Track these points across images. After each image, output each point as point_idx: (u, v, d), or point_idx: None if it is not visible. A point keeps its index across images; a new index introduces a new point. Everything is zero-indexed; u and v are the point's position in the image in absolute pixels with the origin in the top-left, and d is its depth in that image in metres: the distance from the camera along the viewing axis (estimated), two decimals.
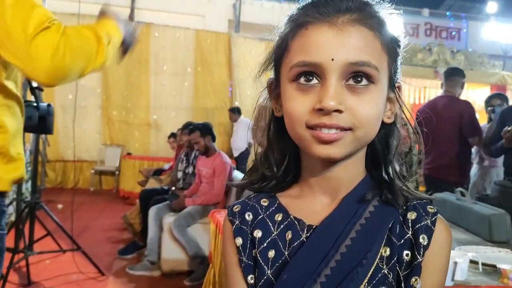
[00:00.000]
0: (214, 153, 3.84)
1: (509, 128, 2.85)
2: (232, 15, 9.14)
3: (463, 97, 4.95)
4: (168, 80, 8.02)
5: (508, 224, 1.96)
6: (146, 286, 3.36)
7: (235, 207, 0.74)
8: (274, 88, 0.71)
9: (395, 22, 0.67)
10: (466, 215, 2.15)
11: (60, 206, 5.54)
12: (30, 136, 4.60)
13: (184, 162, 4.38)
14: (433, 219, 0.65)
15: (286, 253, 0.67)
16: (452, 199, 2.34)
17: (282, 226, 0.69)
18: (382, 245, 0.64)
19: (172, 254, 3.55)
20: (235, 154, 6.98)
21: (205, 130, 3.81)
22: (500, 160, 3.42)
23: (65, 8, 6.53)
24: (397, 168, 0.71)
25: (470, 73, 10.26)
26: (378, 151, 0.71)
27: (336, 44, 0.61)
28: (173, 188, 4.19)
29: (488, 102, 3.52)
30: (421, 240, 0.64)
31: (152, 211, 3.71)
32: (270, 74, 0.73)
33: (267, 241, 0.69)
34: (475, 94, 10.65)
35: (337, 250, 0.64)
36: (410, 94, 10.73)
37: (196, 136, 3.77)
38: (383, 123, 0.68)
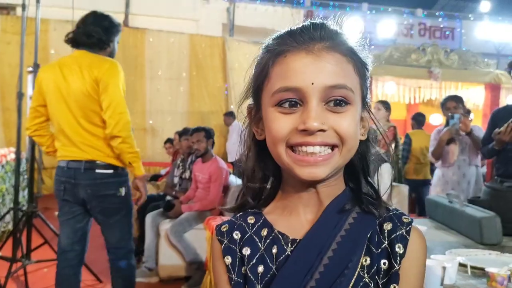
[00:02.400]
0: (211, 158, 3.86)
1: (499, 130, 2.88)
2: (226, 19, 9.19)
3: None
4: (163, 85, 8.05)
5: (499, 226, 1.99)
6: None
7: (223, 226, 0.77)
8: (255, 114, 0.75)
9: (362, 48, 0.72)
10: (458, 218, 2.18)
11: (57, 213, 5.54)
12: (26, 143, 4.62)
13: (181, 167, 4.40)
14: (408, 228, 0.69)
15: (274, 268, 0.70)
16: (444, 201, 2.37)
17: (268, 241, 0.73)
18: (362, 255, 0.68)
19: (170, 260, 3.57)
20: (230, 158, 7.02)
21: (209, 133, 3.88)
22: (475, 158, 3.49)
23: (59, 15, 6.56)
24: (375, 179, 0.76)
25: (464, 72, 10.36)
26: (356, 165, 0.75)
27: (314, 69, 0.65)
28: (171, 196, 4.18)
29: (444, 104, 3.53)
30: (397, 249, 0.67)
31: (149, 218, 3.73)
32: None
33: (256, 257, 0.72)
34: (469, 93, 10.73)
35: (320, 262, 0.67)
36: (405, 94, 10.78)
37: (201, 136, 3.80)
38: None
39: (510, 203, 2.19)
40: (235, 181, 4.02)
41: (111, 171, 2.32)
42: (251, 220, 0.76)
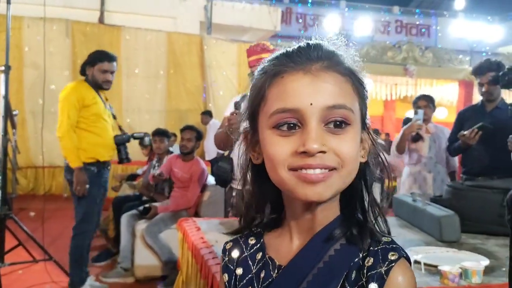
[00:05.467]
0: (192, 158, 3.90)
1: (464, 133, 2.99)
2: (203, 16, 9.16)
3: (432, 93, 5.06)
4: (140, 83, 8.00)
5: (457, 225, 2.09)
6: None
7: (228, 244, 0.80)
8: (251, 137, 0.73)
9: (359, 68, 0.70)
10: (420, 216, 2.28)
11: (32, 213, 5.50)
12: None
13: (157, 168, 4.41)
14: (389, 267, 0.63)
15: None
16: (409, 200, 2.46)
17: (259, 265, 0.74)
18: None
19: (145, 260, 3.59)
20: (208, 157, 7.04)
21: (200, 136, 3.98)
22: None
23: (30, 12, 6.45)
24: (376, 206, 0.72)
25: (439, 70, 10.57)
26: (355, 190, 0.72)
27: (312, 90, 0.64)
28: (147, 197, 4.17)
29: (416, 103, 3.65)
30: None
31: (125, 219, 3.74)
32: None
33: (246, 278, 0.74)
34: (443, 90, 10.97)
35: None
36: (381, 91, 10.96)
37: (193, 135, 3.86)
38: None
39: (471, 202, 2.29)
40: (211, 181, 4.07)
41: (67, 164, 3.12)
42: (251, 241, 0.78)
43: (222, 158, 2.74)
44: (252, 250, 0.76)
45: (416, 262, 1.64)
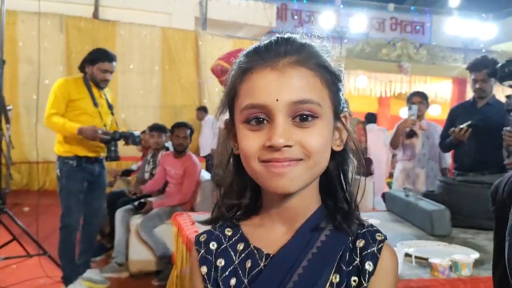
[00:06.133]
0: (185, 154, 3.90)
1: (455, 129, 3.03)
2: (198, 12, 9.14)
3: (426, 90, 5.08)
4: (135, 78, 7.98)
5: (448, 219, 2.12)
6: None
7: (202, 236, 0.80)
8: (231, 128, 0.76)
9: (333, 58, 0.72)
10: (412, 211, 2.31)
11: (26, 208, 5.49)
12: None
13: (151, 163, 4.42)
14: (379, 246, 0.70)
15: (246, 281, 0.72)
16: (401, 195, 2.49)
17: (243, 255, 0.75)
18: (332, 272, 0.70)
19: (140, 255, 3.60)
20: (203, 153, 7.06)
21: (192, 132, 3.98)
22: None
23: (25, 7, 6.42)
24: (352, 194, 0.76)
25: (433, 67, 10.63)
26: (333, 178, 0.75)
27: (279, 86, 0.66)
28: (143, 195, 4.17)
29: (410, 99, 3.68)
30: (367, 266, 0.69)
31: (119, 214, 3.75)
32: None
33: (229, 269, 0.74)
34: (437, 87, 11.04)
35: (290, 279, 0.69)
36: (376, 87, 11.01)
37: (187, 133, 3.87)
38: (335, 151, 0.73)
39: (462, 197, 2.31)
40: (206, 177, 4.09)
41: (55, 155, 3.20)
42: (228, 232, 0.78)
43: None
44: (231, 241, 0.77)
45: (407, 255, 1.67)
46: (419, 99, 3.66)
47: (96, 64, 3.17)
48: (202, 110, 7.37)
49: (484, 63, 3.07)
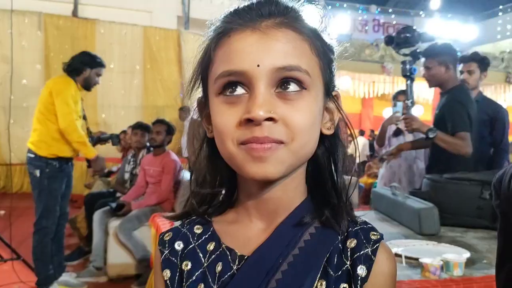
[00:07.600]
0: (163, 152, 3.82)
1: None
2: (180, 11, 9.02)
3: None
4: (116, 78, 7.81)
5: (436, 217, 2.06)
6: None
7: (166, 235, 0.68)
8: (204, 107, 0.65)
9: (326, 25, 0.62)
10: (399, 209, 2.24)
11: (2, 212, 5.31)
12: None
13: (132, 163, 4.30)
14: (374, 247, 0.59)
15: None
16: (388, 193, 2.43)
17: (213, 257, 0.63)
18: (318, 278, 0.58)
19: (119, 259, 3.48)
20: (185, 153, 6.93)
21: (171, 129, 3.86)
22: None
23: (1, 5, 6.21)
24: (344, 186, 0.64)
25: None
26: (322, 167, 0.64)
27: (260, 49, 0.56)
28: (122, 193, 4.06)
29: (395, 98, 3.67)
30: (359, 271, 0.57)
31: (97, 216, 3.62)
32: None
33: (196, 274, 0.62)
34: (419, 89, 11.09)
35: (267, 285, 0.57)
36: (359, 88, 11.05)
37: (162, 128, 3.77)
38: (324, 135, 0.63)
39: (449, 194, 2.27)
40: (188, 176, 3.98)
41: (32, 155, 3.06)
42: (198, 229, 0.67)
43: None
44: (200, 241, 0.65)
45: (397, 255, 1.60)
46: (404, 98, 3.62)
47: (94, 68, 3.24)
48: (185, 111, 7.24)
49: (472, 56, 3.15)
